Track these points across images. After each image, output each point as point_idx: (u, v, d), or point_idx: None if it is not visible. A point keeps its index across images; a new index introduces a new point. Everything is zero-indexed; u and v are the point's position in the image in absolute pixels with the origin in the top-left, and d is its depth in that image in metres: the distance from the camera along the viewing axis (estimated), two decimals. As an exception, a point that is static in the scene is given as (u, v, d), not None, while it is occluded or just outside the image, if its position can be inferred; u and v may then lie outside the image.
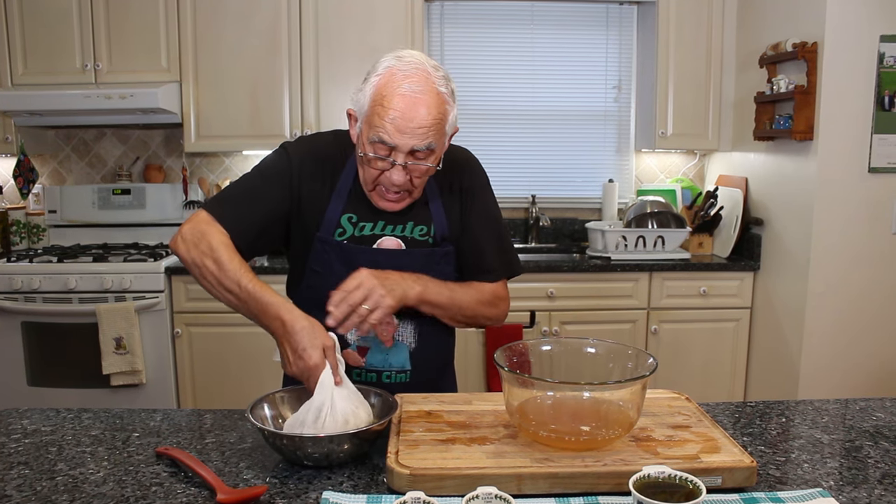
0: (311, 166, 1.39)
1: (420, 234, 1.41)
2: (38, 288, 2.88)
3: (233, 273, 1.26)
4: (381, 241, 1.39)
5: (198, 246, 1.29)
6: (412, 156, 1.27)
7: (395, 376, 1.42)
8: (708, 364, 3.12)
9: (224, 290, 1.28)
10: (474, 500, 0.89)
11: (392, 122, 1.23)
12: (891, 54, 2.52)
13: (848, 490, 1.03)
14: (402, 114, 1.23)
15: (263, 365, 3.00)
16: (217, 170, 3.56)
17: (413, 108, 1.23)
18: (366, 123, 1.28)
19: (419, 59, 1.28)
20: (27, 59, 3.09)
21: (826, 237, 2.64)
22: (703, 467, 1.00)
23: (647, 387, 1.10)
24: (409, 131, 1.23)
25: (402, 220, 1.40)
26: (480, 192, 1.48)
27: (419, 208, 1.41)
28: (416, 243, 1.40)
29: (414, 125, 1.23)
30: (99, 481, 1.05)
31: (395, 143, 1.24)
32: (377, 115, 1.24)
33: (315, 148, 1.42)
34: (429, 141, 1.25)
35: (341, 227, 1.38)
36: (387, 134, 1.24)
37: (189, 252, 1.30)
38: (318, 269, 1.40)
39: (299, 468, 1.09)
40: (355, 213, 1.39)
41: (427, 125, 1.24)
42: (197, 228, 1.31)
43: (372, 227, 1.39)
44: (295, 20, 3.12)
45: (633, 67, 3.56)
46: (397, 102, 1.23)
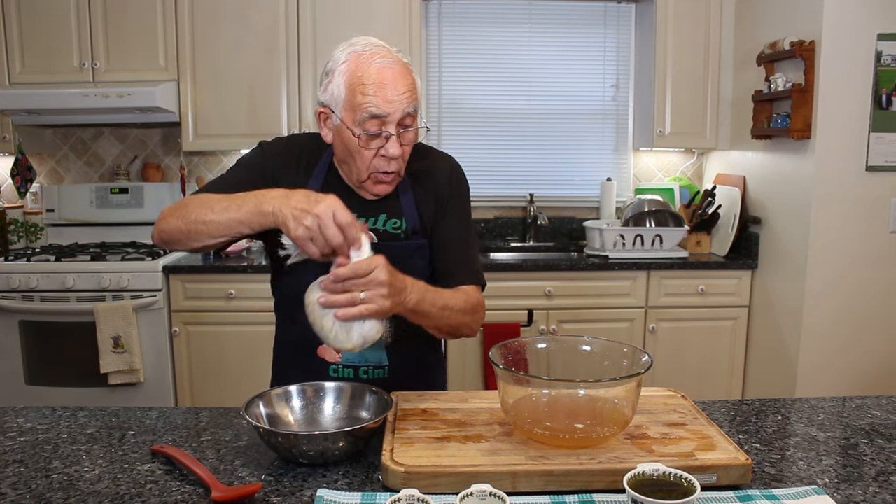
0: (286, 161, 1.42)
1: (393, 228, 1.42)
2: (35, 287, 2.88)
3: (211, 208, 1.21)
4: None
5: (175, 212, 1.27)
6: (400, 125, 1.29)
7: (373, 372, 1.41)
8: (706, 363, 3.12)
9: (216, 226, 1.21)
10: (469, 498, 0.89)
11: (377, 94, 1.26)
12: (888, 52, 2.52)
13: (843, 487, 1.03)
14: (383, 84, 1.26)
15: (261, 364, 3.00)
16: (215, 169, 3.55)
17: (392, 76, 1.27)
18: (347, 110, 1.29)
19: (373, 39, 1.33)
20: (25, 57, 3.09)
21: (824, 236, 2.64)
22: (699, 465, 1.00)
23: (643, 384, 1.10)
24: (396, 98, 1.27)
25: (374, 213, 1.41)
26: (460, 200, 1.49)
27: (391, 201, 1.42)
28: (389, 236, 1.41)
29: (398, 91, 1.27)
30: (94, 479, 1.05)
31: (387, 111, 1.27)
32: (360, 94, 1.27)
33: (290, 144, 1.46)
34: (414, 103, 1.30)
35: None
36: (376, 106, 1.26)
37: (166, 220, 1.28)
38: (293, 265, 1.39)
39: (294, 466, 1.09)
40: None
41: (408, 89, 1.29)
42: (169, 207, 1.30)
43: None
44: (293, 20, 3.12)
45: (630, 66, 3.56)
46: (376, 76, 1.27)
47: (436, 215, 1.45)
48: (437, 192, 1.46)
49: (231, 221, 1.19)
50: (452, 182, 1.49)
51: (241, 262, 3.03)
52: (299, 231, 1.09)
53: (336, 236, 1.09)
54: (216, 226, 1.20)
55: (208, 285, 2.96)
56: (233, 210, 1.19)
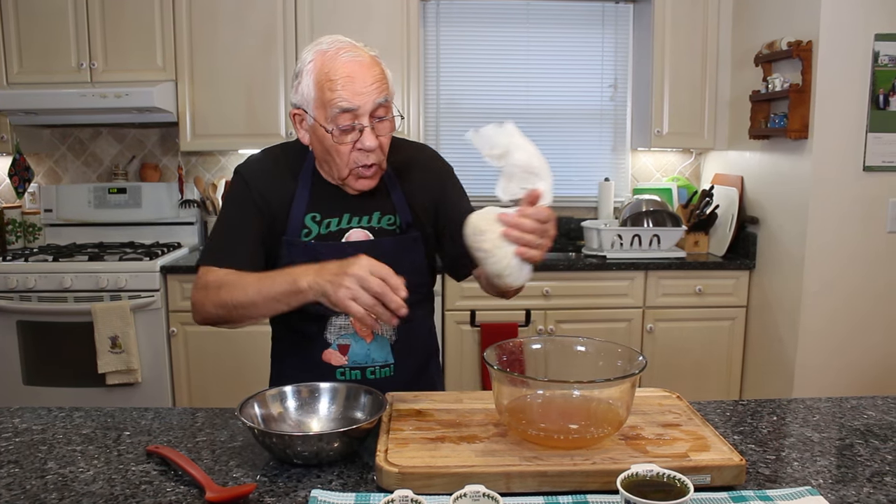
0: (265, 179, 1.41)
1: (388, 224, 1.42)
2: (33, 287, 2.88)
3: (245, 291, 1.25)
4: (349, 235, 1.40)
5: (210, 298, 1.30)
6: (373, 117, 1.29)
7: (380, 371, 1.42)
8: (703, 363, 3.12)
9: (253, 297, 1.25)
10: (462, 499, 0.89)
11: (345, 87, 1.27)
12: (885, 53, 2.52)
13: (837, 488, 1.03)
14: (351, 78, 1.27)
15: (258, 364, 2.99)
16: (213, 168, 3.55)
17: (358, 69, 1.28)
18: (318, 108, 1.30)
19: (338, 36, 1.34)
20: (22, 57, 3.09)
21: (821, 236, 2.65)
22: (692, 466, 1.00)
23: (638, 385, 1.10)
24: (365, 90, 1.27)
25: (367, 211, 1.41)
26: (454, 182, 1.52)
27: (382, 198, 1.42)
28: (385, 233, 1.42)
29: (366, 83, 1.28)
30: (89, 480, 1.05)
31: (357, 104, 1.27)
32: (328, 90, 1.27)
33: (265, 160, 1.46)
34: (385, 94, 1.30)
35: (306, 228, 1.39)
36: (345, 100, 1.26)
37: (207, 311, 1.31)
38: None
39: (289, 466, 1.09)
40: (318, 211, 1.40)
41: (376, 80, 1.29)
42: (203, 290, 1.32)
43: (338, 222, 1.40)
44: (290, 19, 3.12)
45: (628, 66, 3.56)
46: (342, 70, 1.27)
47: (435, 205, 1.46)
48: (424, 181, 1.46)
49: (268, 302, 1.22)
50: (440, 168, 1.51)
51: (238, 263, 3.02)
52: (340, 293, 1.10)
53: (379, 286, 1.09)
54: (255, 309, 1.24)
55: (206, 285, 2.96)
56: (266, 291, 1.22)
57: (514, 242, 1.10)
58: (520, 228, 1.10)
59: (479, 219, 1.13)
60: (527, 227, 1.10)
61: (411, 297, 1.25)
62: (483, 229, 1.12)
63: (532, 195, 1.10)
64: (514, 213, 1.11)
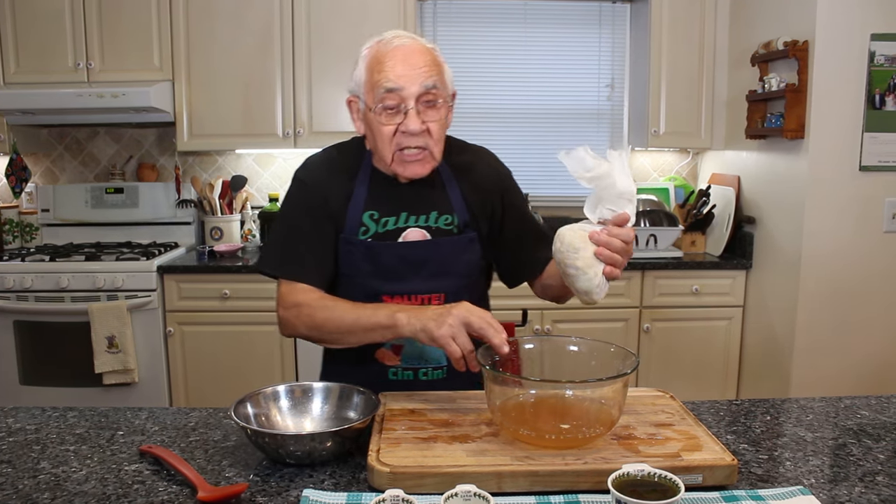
0: (325, 179, 1.42)
1: (445, 224, 1.42)
2: (30, 287, 2.88)
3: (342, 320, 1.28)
4: (406, 234, 1.39)
5: (302, 320, 1.33)
6: (421, 101, 1.29)
7: (432, 373, 1.42)
8: (700, 362, 3.12)
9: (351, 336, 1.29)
10: (453, 499, 0.90)
11: (393, 69, 1.28)
12: (881, 53, 2.52)
13: (829, 488, 1.03)
14: (400, 60, 1.28)
15: (255, 363, 3.00)
16: (210, 168, 3.55)
17: (409, 53, 1.29)
18: (368, 91, 1.31)
19: (399, 31, 1.35)
20: (19, 57, 3.09)
21: (817, 235, 2.65)
22: (684, 465, 1.01)
23: (630, 385, 1.11)
24: (412, 72, 1.28)
25: (425, 210, 1.41)
26: (514, 186, 1.52)
27: (440, 197, 1.42)
28: (442, 232, 1.41)
29: (415, 66, 1.28)
30: (81, 479, 1.05)
31: (402, 84, 1.27)
32: (377, 72, 1.29)
33: (323, 162, 1.46)
34: (433, 79, 1.29)
35: (364, 226, 1.39)
36: (391, 81, 1.27)
37: (297, 331, 1.35)
38: (346, 272, 1.40)
39: (282, 466, 1.09)
40: (376, 209, 1.40)
41: (427, 64, 1.29)
42: (293, 309, 1.34)
43: (395, 221, 1.40)
44: (287, 19, 3.12)
45: (626, 66, 3.57)
46: (393, 54, 1.29)
47: (492, 208, 1.46)
48: (483, 184, 1.46)
49: (364, 332, 1.25)
50: (500, 171, 1.51)
51: (235, 262, 3.03)
52: (442, 330, 1.13)
53: (481, 323, 1.12)
54: (351, 337, 1.28)
55: (203, 285, 2.96)
56: (363, 322, 1.24)
57: (605, 261, 1.16)
58: (610, 248, 1.15)
59: (572, 236, 1.17)
60: (616, 247, 1.15)
61: (466, 297, 1.29)
62: (577, 247, 1.16)
63: (621, 217, 1.16)
64: (603, 231, 1.16)
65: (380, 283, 1.38)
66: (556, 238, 1.19)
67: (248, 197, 3.50)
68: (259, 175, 3.56)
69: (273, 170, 3.56)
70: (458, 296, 1.36)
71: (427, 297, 1.39)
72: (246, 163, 3.55)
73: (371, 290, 1.38)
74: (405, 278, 1.38)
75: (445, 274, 1.40)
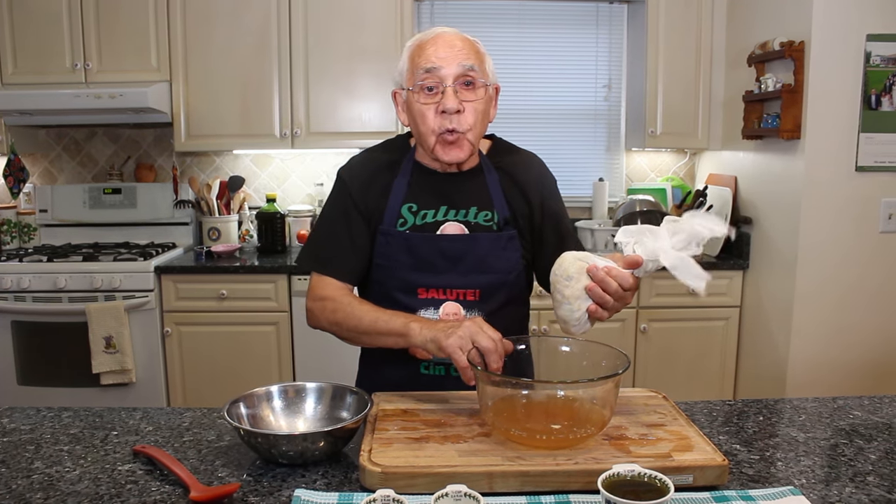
0: (365, 176, 1.45)
1: (484, 220, 1.42)
2: (27, 287, 2.88)
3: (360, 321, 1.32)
4: (444, 227, 1.40)
5: (325, 315, 1.38)
6: (458, 82, 1.32)
7: None
8: (697, 363, 3.13)
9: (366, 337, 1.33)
10: (443, 499, 0.90)
11: (433, 52, 1.32)
12: (877, 53, 2.53)
13: (819, 488, 1.04)
14: (440, 45, 1.33)
15: (253, 363, 3.01)
16: (208, 169, 3.56)
17: (448, 37, 1.35)
18: (410, 76, 1.36)
19: (444, 27, 1.39)
20: (17, 58, 3.10)
21: (813, 236, 2.65)
22: (675, 466, 1.01)
23: (627, 385, 1.11)
24: (450, 53, 1.32)
25: (464, 205, 1.42)
26: (556, 191, 1.54)
27: (481, 193, 1.43)
28: (481, 228, 1.41)
29: (453, 47, 1.33)
30: (74, 479, 1.06)
31: (440, 63, 1.31)
32: (417, 56, 1.34)
33: (365, 159, 1.49)
34: (471, 62, 1.33)
35: (402, 218, 1.41)
36: (429, 61, 1.32)
37: (320, 323, 1.40)
38: (383, 263, 1.42)
39: (274, 466, 1.09)
40: (415, 202, 1.41)
41: (465, 47, 1.34)
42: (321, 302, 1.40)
43: (434, 214, 1.41)
44: (284, 20, 3.13)
45: (623, 66, 3.57)
46: (434, 41, 1.34)
47: (531, 210, 1.46)
48: (526, 185, 1.47)
49: (378, 336, 1.30)
50: (545, 175, 1.53)
51: (232, 263, 3.03)
52: (451, 340, 1.15)
53: (488, 341, 1.13)
54: (366, 338, 1.33)
55: (200, 285, 2.97)
56: (379, 326, 1.29)
57: (594, 300, 1.15)
58: (604, 288, 1.14)
59: (570, 264, 1.17)
60: (611, 289, 1.14)
61: (502, 297, 1.31)
62: (571, 275, 1.16)
63: (632, 260, 1.16)
64: (604, 268, 1.15)
65: (417, 275, 1.39)
66: (557, 260, 1.20)
67: (245, 197, 3.50)
68: (257, 175, 3.56)
69: (271, 170, 3.56)
70: (494, 294, 1.39)
71: (462, 293, 1.40)
72: (244, 163, 3.55)
73: (407, 281, 1.40)
74: (442, 272, 1.39)
75: (483, 270, 1.40)
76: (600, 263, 1.16)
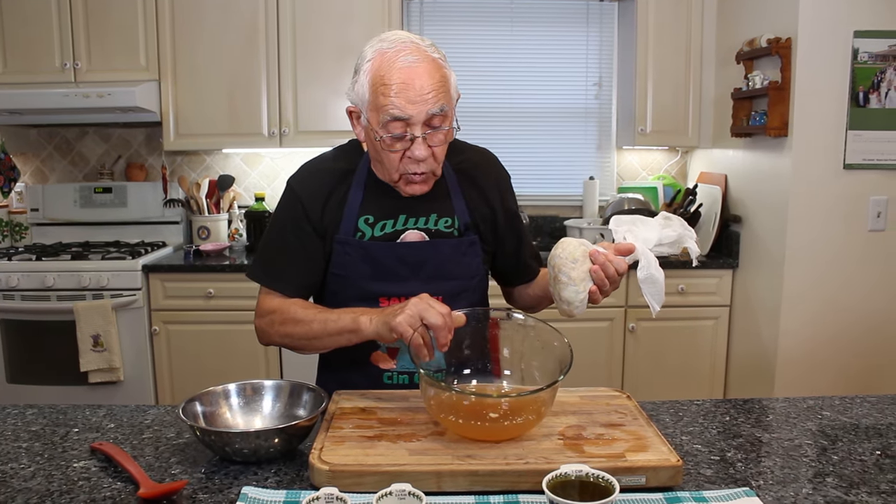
0: (317, 188, 1.39)
1: (445, 226, 1.40)
2: (16, 286, 2.89)
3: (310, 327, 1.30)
4: (404, 236, 1.38)
5: (274, 329, 1.36)
6: (428, 125, 1.25)
7: (432, 376, 1.41)
8: (686, 363, 3.11)
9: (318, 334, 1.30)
10: (387, 497, 0.89)
11: (398, 95, 1.22)
12: (865, 50, 2.50)
13: (776, 489, 1.02)
14: (406, 84, 1.22)
15: (240, 362, 3.01)
16: (198, 168, 3.56)
17: (415, 76, 1.22)
18: (372, 110, 1.26)
19: (403, 35, 1.29)
20: (7, 58, 3.10)
21: (801, 235, 2.63)
22: (627, 466, 1.00)
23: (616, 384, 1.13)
24: (419, 99, 1.22)
25: (424, 213, 1.39)
26: (511, 192, 1.52)
27: (441, 200, 1.40)
28: (441, 235, 1.40)
29: (422, 92, 1.22)
30: (28, 476, 1.06)
31: (409, 114, 1.22)
32: (382, 95, 1.23)
33: (317, 170, 1.43)
34: (440, 104, 1.24)
35: (360, 231, 1.38)
36: (397, 108, 1.22)
37: (272, 339, 1.37)
38: (340, 273, 1.39)
39: (229, 464, 1.09)
40: (372, 213, 1.38)
41: (434, 88, 1.23)
42: (267, 317, 1.37)
43: (394, 224, 1.38)
44: (272, 18, 3.12)
45: (613, 64, 3.55)
46: (398, 76, 1.22)
47: (492, 212, 1.45)
48: (486, 187, 1.45)
49: (330, 337, 1.27)
50: (500, 174, 1.50)
51: (220, 262, 3.03)
52: (398, 318, 1.14)
53: (437, 317, 1.12)
54: (319, 343, 1.30)
55: (187, 284, 2.97)
56: (329, 328, 1.26)
57: (595, 281, 1.19)
58: (604, 271, 1.18)
59: (574, 248, 1.20)
60: (609, 272, 1.19)
61: (464, 303, 1.29)
62: (577, 258, 1.19)
63: (626, 247, 1.20)
64: (602, 254, 1.19)
65: (377, 284, 1.37)
66: (557, 245, 1.22)
67: (235, 196, 3.50)
68: (247, 174, 3.57)
69: (261, 169, 3.56)
70: (456, 299, 1.36)
71: None
72: (234, 162, 3.56)
73: (367, 291, 1.37)
74: (403, 280, 1.37)
75: (444, 277, 1.39)
76: (597, 248, 1.20)
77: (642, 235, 1.21)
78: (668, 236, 1.20)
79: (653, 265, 1.19)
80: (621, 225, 1.23)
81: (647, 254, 1.20)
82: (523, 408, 1.07)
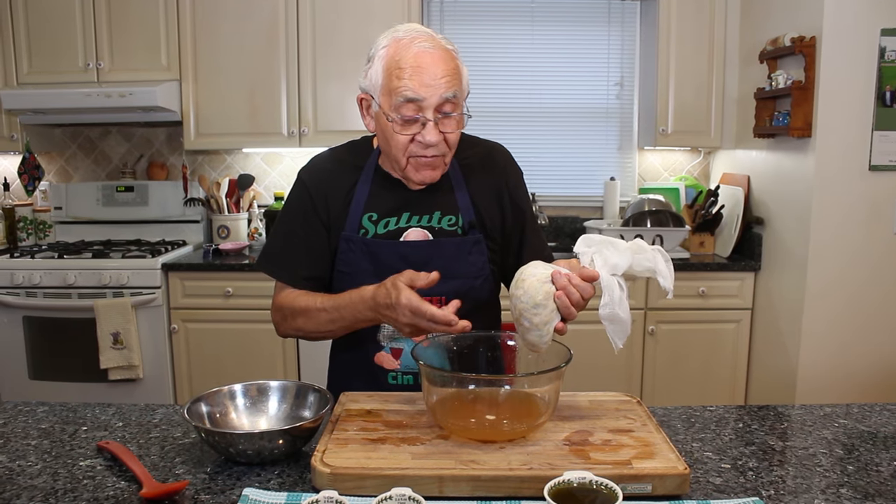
0: (327, 181, 1.41)
1: (448, 224, 1.39)
2: (38, 283, 2.94)
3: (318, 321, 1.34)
4: (407, 234, 1.38)
5: (287, 322, 1.40)
6: (439, 111, 1.26)
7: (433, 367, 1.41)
8: (707, 366, 3.06)
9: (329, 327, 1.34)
10: (387, 501, 0.88)
11: (412, 77, 1.23)
12: (892, 48, 2.44)
13: (787, 499, 1.00)
14: (420, 68, 1.24)
15: (258, 361, 3.02)
16: (219, 167, 3.59)
17: (430, 61, 1.25)
18: (384, 94, 1.27)
19: (417, 26, 1.31)
20: (32, 58, 3.16)
21: (824, 237, 2.57)
22: (633, 474, 0.98)
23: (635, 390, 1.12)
24: (433, 82, 1.24)
25: (427, 211, 1.39)
26: (523, 187, 1.50)
27: (445, 197, 1.39)
28: (445, 233, 1.39)
29: (436, 76, 1.24)
30: (34, 473, 1.07)
31: (422, 95, 1.24)
32: (396, 78, 1.24)
33: (327, 162, 1.45)
34: (453, 89, 1.26)
35: (364, 228, 1.38)
36: (411, 90, 1.23)
37: (287, 332, 1.42)
38: (345, 270, 1.40)
39: (233, 465, 1.09)
40: (376, 210, 1.38)
41: (448, 74, 1.25)
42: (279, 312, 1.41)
43: (397, 221, 1.38)
44: (292, 18, 3.14)
45: (635, 64, 3.51)
46: (413, 60, 1.24)
47: (500, 209, 1.43)
48: (493, 183, 1.44)
49: (338, 330, 1.33)
50: (511, 170, 1.48)
51: (239, 261, 3.05)
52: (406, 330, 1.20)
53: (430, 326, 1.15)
54: (329, 335, 1.37)
55: (206, 283, 2.99)
56: (338, 322, 1.31)
57: (561, 311, 1.11)
58: (569, 297, 1.10)
59: (535, 290, 1.11)
60: (576, 299, 1.11)
61: (470, 303, 1.27)
62: (538, 303, 1.10)
63: (589, 274, 1.11)
64: (565, 276, 1.11)
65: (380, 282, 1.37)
66: (516, 281, 1.13)
67: (255, 195, 3.52)
68: (267, 174, 3.59)
69: (281, 168, 3.58)
70: (462, 299, 1.33)
71: (429, 300, 1.36)
72: (254, 161, 3.58)
73: None
74: None
75: (448, 276, 1.36)
76: (562, 271, 1.12)
77: (611, 261, 1.12)
78: (641, 264, 1.12)
79: (616, 301, 1.10)
80: (590, 246, 1.15)
81: (611, 286, 1.11)
82: (524, 407, 1.06)
